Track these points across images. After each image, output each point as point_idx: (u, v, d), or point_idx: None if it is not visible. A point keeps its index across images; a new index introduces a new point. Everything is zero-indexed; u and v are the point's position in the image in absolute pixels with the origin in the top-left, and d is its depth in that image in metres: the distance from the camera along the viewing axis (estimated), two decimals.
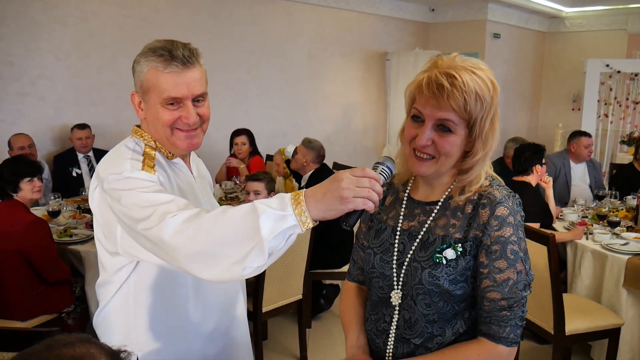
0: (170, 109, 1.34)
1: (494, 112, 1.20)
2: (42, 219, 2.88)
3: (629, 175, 4.66)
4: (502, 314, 1.18)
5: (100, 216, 1.37)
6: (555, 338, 2.78)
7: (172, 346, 1.44)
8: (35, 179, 2.89)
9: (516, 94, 8.28)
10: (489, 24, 7.41)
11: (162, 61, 1.30)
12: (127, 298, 1.41)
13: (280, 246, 1.10)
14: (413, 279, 1.23)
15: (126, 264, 1.38)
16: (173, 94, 1.32)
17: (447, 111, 1.16)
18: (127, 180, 1.28)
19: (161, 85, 1.31)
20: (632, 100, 7.00)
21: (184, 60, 1.31)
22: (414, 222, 1.28)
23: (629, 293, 3.03)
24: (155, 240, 1.17)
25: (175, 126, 1.36)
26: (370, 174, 1.09)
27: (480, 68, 1.19)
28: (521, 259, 1.19)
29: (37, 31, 4.45)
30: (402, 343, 1.26)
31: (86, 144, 4.49)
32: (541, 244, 2.71)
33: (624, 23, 7.80)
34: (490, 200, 1.20)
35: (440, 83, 1.15)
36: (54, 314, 2.95)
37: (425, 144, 1.19)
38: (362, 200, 1.06)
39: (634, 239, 3.31)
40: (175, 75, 1.31)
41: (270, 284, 3.02)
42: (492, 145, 1.22)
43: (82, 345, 0.77)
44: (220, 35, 5.59)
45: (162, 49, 1.31)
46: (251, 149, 4.90)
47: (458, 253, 1.19)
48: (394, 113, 7.23)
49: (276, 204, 1.09)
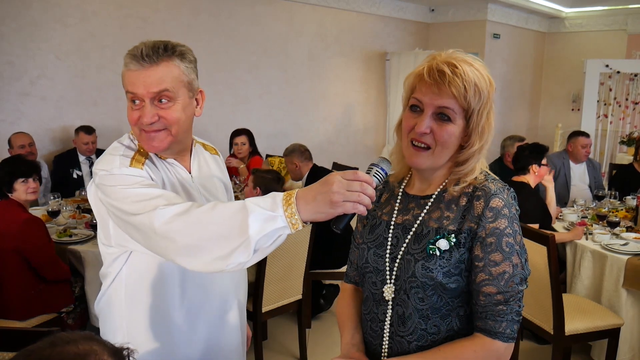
0: (134, 108, 1.35)
1: (489, 107, 1.21)
2: (37, 218, 2.88)
3: (629, 175, 4.66)
4: (498, 308, 1.17)
5: (95, 210, 1.42)
6: (555, 338, 2.78)
7: (158, 339, 1.45)
8: (30, 179, 2.86)
9: (516, 94, 8.28)
10: (488, 24, 7.42)
11: (130, 59, 1.32)
12: (119, 289, 1.44)
13: (267, 245, 1.11)
14: (406, 272, 1.22)
15: (119, 254, 1.42)
16: (130, 89, 1.33)
17: (447, 98, 1.17)
18: (114, 177, 1.30)
19: (125, 82, 1.35)
20: (631, 100, 7.01)
21: (143, 59, 1.30)
22: (408, 216, 1.28)
23: (628, 293, 3.04)
24: (146, 231, 1.20)
25: (139, 126, 1.36)
26: (362, 177, 1.08)
27: (478, 63, 1.21)
28: (517, 252, 1.18)
29: (37, 31, 4.46)
30: (397, 342, 1.26)
31: (92, 148, 4.48)
32: (541, 244, 2.71)
33: (623, 23, 7.81)
34: (485, 192, 1.19)
35: (442, 70, 1.16)
36: (54, 313, 2.95)
37: (424, 131, 1.19)
38: (352, 205, 1.06)
39: (633, 239, 3.31)
40: (134, 73, 1.32)
41: (270, 284, 3.02)
42: (488, 139, 1.23)
43: (85, 342, 0.78)
44: (221, 35, 5.60)
45: (136, 48, 1.33)
46: (251, 149, 4.92)
47: (452, 244, 1.18)
48: (393, 113, 7.23)
49: (267, 203, 1.10)
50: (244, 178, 4.63)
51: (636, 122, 7.12)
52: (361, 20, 6.95)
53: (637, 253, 3.10)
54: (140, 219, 1.21)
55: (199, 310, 1.49)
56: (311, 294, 3.65)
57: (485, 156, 1.27)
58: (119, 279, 1.44)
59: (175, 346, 1.47)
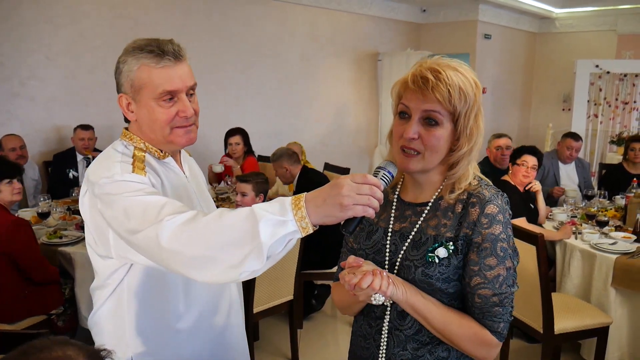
0: (166, 106, 1.33)
1: (477, 110, 1.23)
2: (23, 220, 2.88)
3: (618, 175, 4.70)
4: (495, 309, 1.20)
5: (91, 221, 1.36)
6: (545, 337, 2.80)
7: (164, 347, 1.44)
8: (14, 180, 2.87)
9: (507, 94, 8.32)
10: (480, 25, 7.45)
11: (154, 57, 1.30)
12: (120, 300, 1.40)
13: (279, 250, 1.09)
14: (406, 277, 1.24)
15: (119, 267, 1.37)
16: (168, 88, 1.31)
17: (432, 103, 1.18)
18: (118, 184, 1.26)
19: (154, 80, 1.31)
20: (621, 100, 7.06)
21: (176, 54, 1.32)
22: (406, 223, 1.29)
23: (617, 292, 3.06)
24: (152, 245, 1.15)
25: (174, 124, 1.35)
26: (371, 181, 1.09)
27: (464, 68, 1.22)
28: (510, 256, 1.21)
29: (27, 31, 4.43)
30: (395, 336, 1.27)
31: (88, 145, 4.46)
32: (530, 244, 2.73)
33: (613, 24, 7.87)
34: (480, 199, 1.22)
35: (425, 76, 1.18)
36: (43, 315, 2.94)
37: (412, 136, 1.20)
38: (362, 208, 1.07)
39: (622, 238, 3.34)
40: (168, 70, 1.31)
41: (262, 285, 3.02)
42: (477, 141, 1.24)
43: (59, 347, 0.75)
44: (213, 36, 5.59)
45: (150, 45, 1.31)
46: (245, 149, 4.91)
47: (450, 251, 1.21)
48: (385, 113, 7.24)
49: (276, 209, 1.08)
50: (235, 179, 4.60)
51: (626, 122, 7.17)
52: (353, 20, 6.97)
53: (625, 252, 3.13)
54: (145, 234, 1.15)
55: (205, 312, 1.48)
56: (303, 294, 3.65)
57: (475, 158, 1.28)
58: (119, 291, 1.39)
59: (182, 349, 1.45)
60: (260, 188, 3.31)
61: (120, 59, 1.35)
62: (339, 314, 4.06)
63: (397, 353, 1.27)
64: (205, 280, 1.14)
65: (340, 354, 3.49)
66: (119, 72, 1.36)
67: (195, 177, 1.60)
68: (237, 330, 1.61)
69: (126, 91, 1.36)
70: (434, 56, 1.27)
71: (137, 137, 1.41)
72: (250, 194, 3.25)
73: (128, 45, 1.35)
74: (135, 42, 1.35)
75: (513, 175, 3.61)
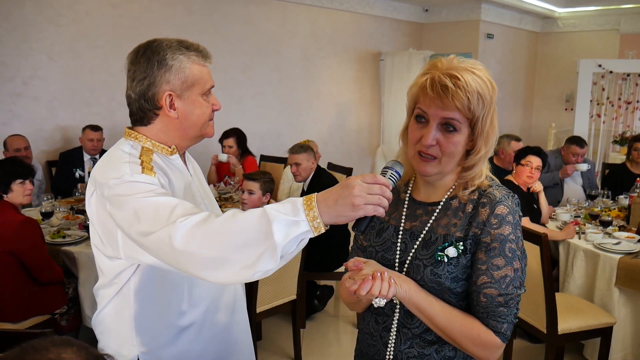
0: (208, 101, 1.43)
1: (493, 111, 1.23)
2: (33, 220, 2.86)
3: (622, 175, 4.69)
4: (500, 310, 1.20)
5: (98, 222, 1.35)
6: (548, 337, 2.79)
7: (170, 346, 1.44)
8: (27, 181, 2.87)
9: (510, 94, 8.31)
10: (482, 24, 7.44)
11: (201, 56, 1.41)
12: (125, 300, 1.39)
13: (291, 250, 1.11)
14: (415, 276, 1.24)
15: (126, 267, 1.36)
16: (212, 84, 1.44)
17: (451, 111, 1.18)
18: (128, 185, 1.25)
19: (204, 77, 1.40)
20: (624, 100, 7.05)
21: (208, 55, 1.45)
22: (416, 222, 1.30)
23: (620, 292, 3.06)
24: (164, 247, 1.15)
25: (210, 117, 1.46)
26: (381, 181, 1.11)
27: (479, 68, 1.22)
28: (518, 257, 1.21)
29: (30, 31, 4.44)
30: (403, 334, 1.27)
31: (96, 146, 4.46)
32: (534, 244, 2.72)
33: (616, 23, 7.85)
34: (490, 200, 1.22)
35: (444, 84, 1.17)
36: (47, 315, 2.94)
37: (431, 143, 1.21)
38: (373, 207, 1.09)
39: (625, 238, 3.33)
40: (208, 68, 1.44)
41: (265, 285, 3.02)
42: (493, 142, 1.25)
43: (55, 349, 0.73)
44: (214, 35, 5.59)
45: (192, 45, 1.40)
46: (240, 151, 4.85)
47: (459, 251, 1.21)
48: (388, 113, 7.24)
49: (288, 209, 1.10)
50: (239, 179, 4.59)
51: (629, 121, 7.15)
52: (355, 20, 6.96)
53: (629, 252, 3.12)
54: (157, 235, 1.15)
55: (210, 309, 1.48)
56: (305, 294, 3.65)
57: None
58: (125, 290, 1.39)
59: (188, 346, 1.46)
60: (267, 187, 3.31)
61: (167, 55, 1.34)
62: (341, 313, 4.06)
63: (404, 350, 1.27)
64: (219, 280, 1.15)
65: (342, 354, 3.49)
66: (167, 68, 1.34)
67: (198, 176, 1.61)
68: (242, 326, 1.62)
69: (174, 87, 1.36)
70: (436, 56, 1.26)
71: (143, 135, 1.40)
72: (257, 192, 3.25)
73: (164, 43, 1.36)
74: (172, 40, 1.38)
75: (517, 176, 3.60)
